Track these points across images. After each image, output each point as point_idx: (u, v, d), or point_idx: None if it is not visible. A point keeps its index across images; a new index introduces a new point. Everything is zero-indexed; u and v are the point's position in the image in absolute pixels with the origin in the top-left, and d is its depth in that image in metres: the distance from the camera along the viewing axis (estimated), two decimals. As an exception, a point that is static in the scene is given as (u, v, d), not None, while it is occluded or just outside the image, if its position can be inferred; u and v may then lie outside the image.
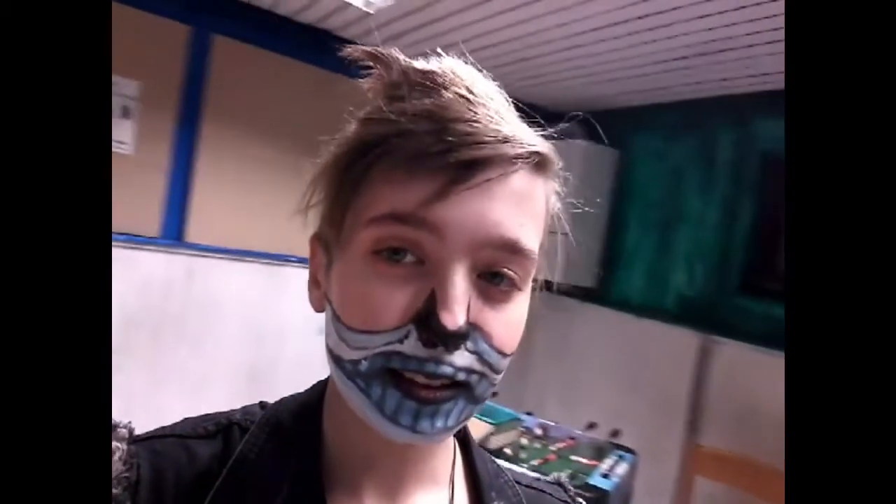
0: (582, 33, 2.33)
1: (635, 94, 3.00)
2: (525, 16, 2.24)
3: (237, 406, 0.51)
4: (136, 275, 2.39)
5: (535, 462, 1.93)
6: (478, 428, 1.92)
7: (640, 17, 2.12)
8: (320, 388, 0.49)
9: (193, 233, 2.52)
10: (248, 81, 2.62)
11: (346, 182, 0.40)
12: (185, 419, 0.47)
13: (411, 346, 0.37)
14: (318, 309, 0.45)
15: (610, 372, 3.00)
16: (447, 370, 0.37)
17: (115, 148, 2.34)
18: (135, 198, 2.40)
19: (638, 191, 3.14)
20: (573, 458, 2.01)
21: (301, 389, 0.51)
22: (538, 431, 2.20)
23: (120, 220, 2.37)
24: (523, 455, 1.99)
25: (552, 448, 2.08)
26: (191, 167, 2.51)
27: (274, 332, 2.70)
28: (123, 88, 2.34)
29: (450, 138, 0.36)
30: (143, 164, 2.41)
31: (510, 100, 0.43)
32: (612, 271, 3.20)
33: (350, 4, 2.29)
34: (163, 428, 0.46)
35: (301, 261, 2.72)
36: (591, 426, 2.44)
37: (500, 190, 0.37)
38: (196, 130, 2.51)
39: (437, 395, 0.38)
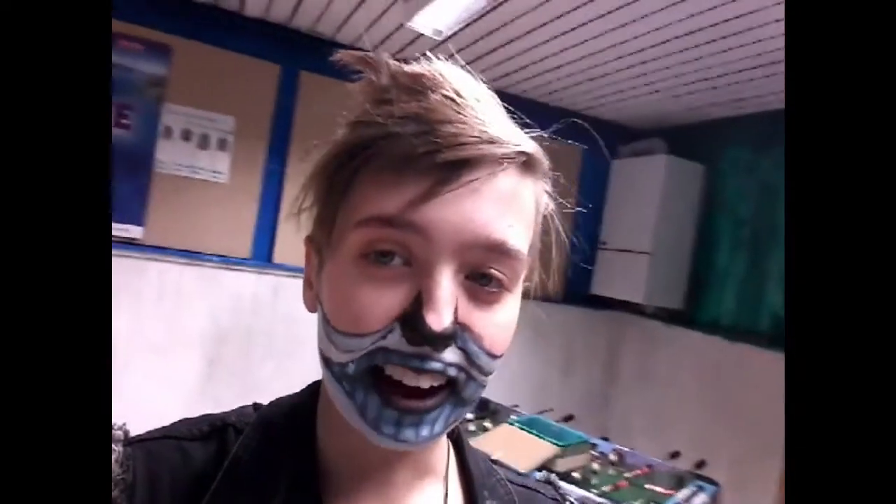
0: (656, 45, 2.27)
1: (720, 106, 2.86)
2: (596, 31, 2.23)
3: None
4: (228, 293, 2.60)
5: (605, 488, 1.85)
6: (544, 449, 1.88)
7: (715, 24, 2.04)
8: (313, 389, 0.49)
9: (279, 254, 2.70)
10: (333, 113, 2.79)
11: (336, 185, 0.40)
12: (181, 420, 0.48)
13: (395, 340, 0.37)
14: (311, 310, 0.45)
15: (699, 399, 2.81)
16: (436, 365, 0.37)
17: (212, 178, 2.58)
18: (229, 223, 2.62)
19: (727, 207, 2.97)
20: (647, 486, 1.90)
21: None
22: (613, 457, 2.10)
23: (216, 242, 2.59)
24: (594, 480, 1.91)
25: (626, 475, 1.98)
26: (280, 194, 2.70)
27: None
28: (221, 124, 2.59)
29: (436, 140, 0.36)
30: (237, 192, 2.63)
31: (501, 102, 0.43)
32: (701, 292, 3.03)
33: (421, 34, 2.39)
34: (158, 429, 0.47)
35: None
36: (674, 455, 2.30)
37: (486, 191, 0.37)
38: (284, 160, 2.70)
39: (421, 405, 0.38)
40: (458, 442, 0.53)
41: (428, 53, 0.43)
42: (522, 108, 0.43)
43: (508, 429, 2.04)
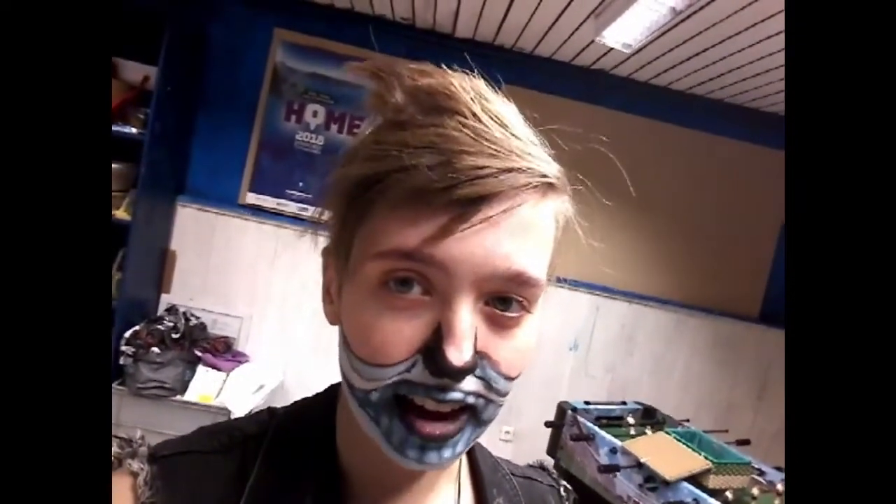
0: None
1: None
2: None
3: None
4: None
5: (761, 513, 1.78)
6: (695, 462, 1.86)
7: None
8: (331, 396, 0.50)
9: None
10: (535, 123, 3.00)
11: (351, 213, 0.40)
12: (199, 430, 0.49)
13: (419, 374, 0.37)
14: (333, 323, 0.45)
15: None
16: (456, 395, 0.38)
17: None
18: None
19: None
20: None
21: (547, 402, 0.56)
22: (781, 487, 1.98)
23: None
24: (752, 504, 1.85)
25: (792, 508, 1.85)
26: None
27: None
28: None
29: (451, 175, 0.35)
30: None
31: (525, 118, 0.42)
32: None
33: (611, 49, 2.48)
34: (178, 442, 0.47)
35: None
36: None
37: (505, 222, 0.37)
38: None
39: (442, 432, 0.39)
40: None
41: (443, 66, 0.42)
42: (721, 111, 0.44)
43: (664, 437, 2.05)
